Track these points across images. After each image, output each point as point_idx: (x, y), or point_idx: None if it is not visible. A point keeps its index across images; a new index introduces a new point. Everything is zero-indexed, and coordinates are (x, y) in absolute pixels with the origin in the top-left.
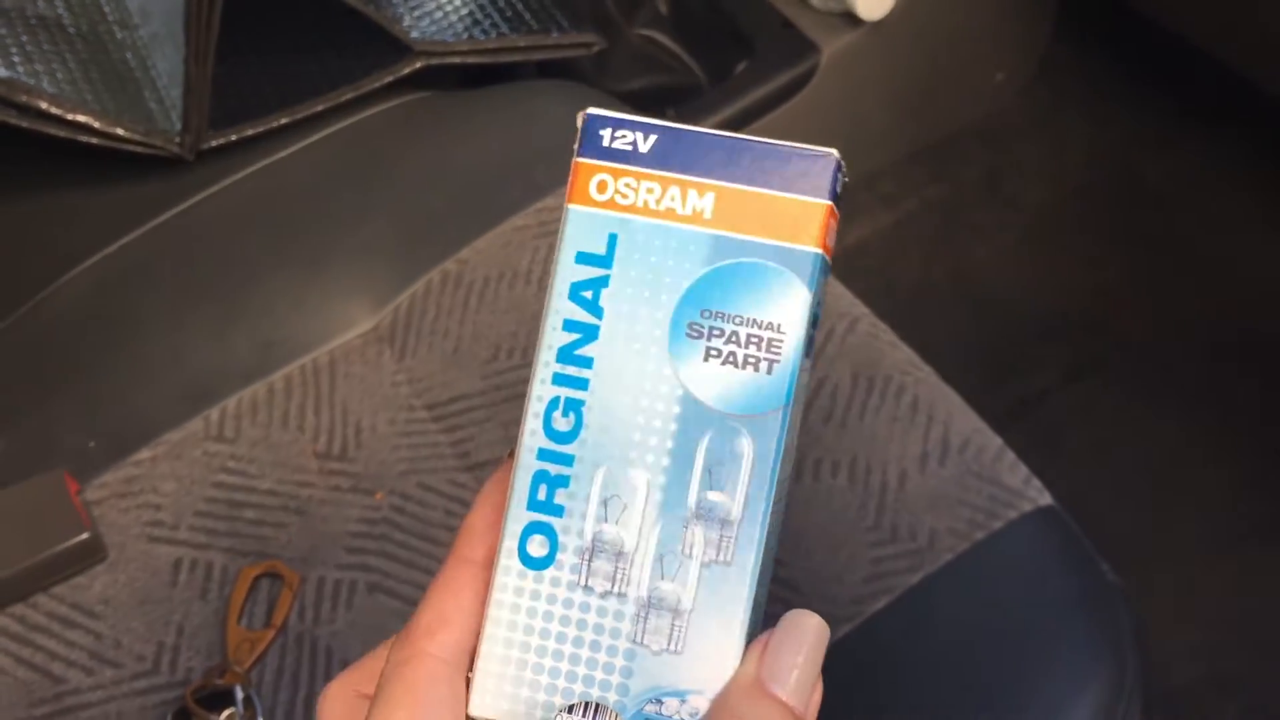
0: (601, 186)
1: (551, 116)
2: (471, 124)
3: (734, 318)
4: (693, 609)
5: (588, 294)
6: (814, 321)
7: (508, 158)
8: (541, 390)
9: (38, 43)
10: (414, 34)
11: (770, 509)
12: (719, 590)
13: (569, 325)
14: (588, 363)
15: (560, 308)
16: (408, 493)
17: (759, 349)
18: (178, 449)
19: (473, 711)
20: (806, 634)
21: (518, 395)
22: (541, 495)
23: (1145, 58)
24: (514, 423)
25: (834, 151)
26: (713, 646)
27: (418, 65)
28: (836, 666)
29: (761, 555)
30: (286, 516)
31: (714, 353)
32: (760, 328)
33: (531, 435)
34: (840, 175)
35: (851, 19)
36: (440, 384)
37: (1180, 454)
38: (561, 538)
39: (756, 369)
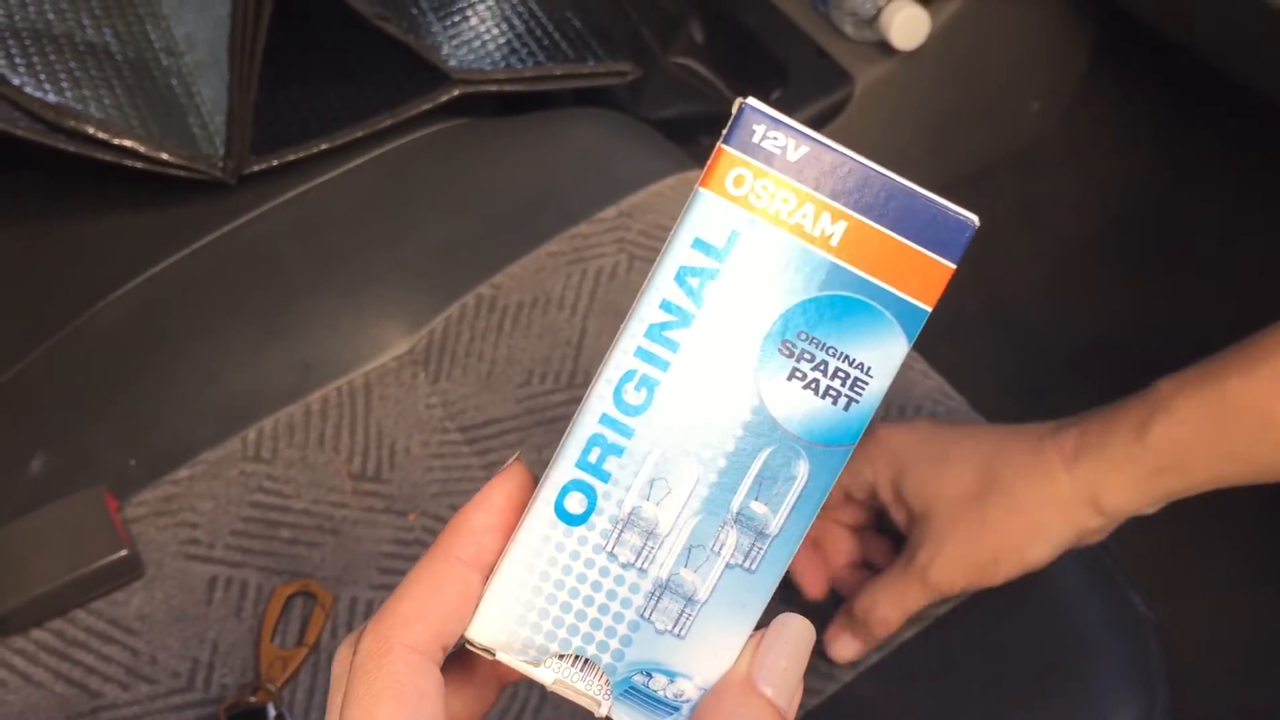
0: (739, 181)
1: (586, 144)
2: (507, 151)
3: (829, 348)
4: (706, 602)
5: (694, 281)
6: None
7: (542, 184)
8: (622, 359)
9: (86, 69)
10: (452, 62)
11: (805, 530)
12: (737, 594)
13: (666, 305)
14: (674, 346)
15: (663, 286)
16: (440, 514)
17: (843, 384)
18: (215, 468)
19: (469, 635)
20: (793, 637)
21: (550, 419)
22: (593, 458)
23: (1183, 88)
24: (546, 446)
25: (975, 218)
26: (715, 641)
27: (455, 93)
28: (868, 693)
29: (782, 574)
30: (321, 536)
31: (799, 375)
32: (851, 365)
33: (599, 399)
34: (971, 237)
35: (886, 49)
36: (473, 407)
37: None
38: (601, 501)
39: (835, 402)
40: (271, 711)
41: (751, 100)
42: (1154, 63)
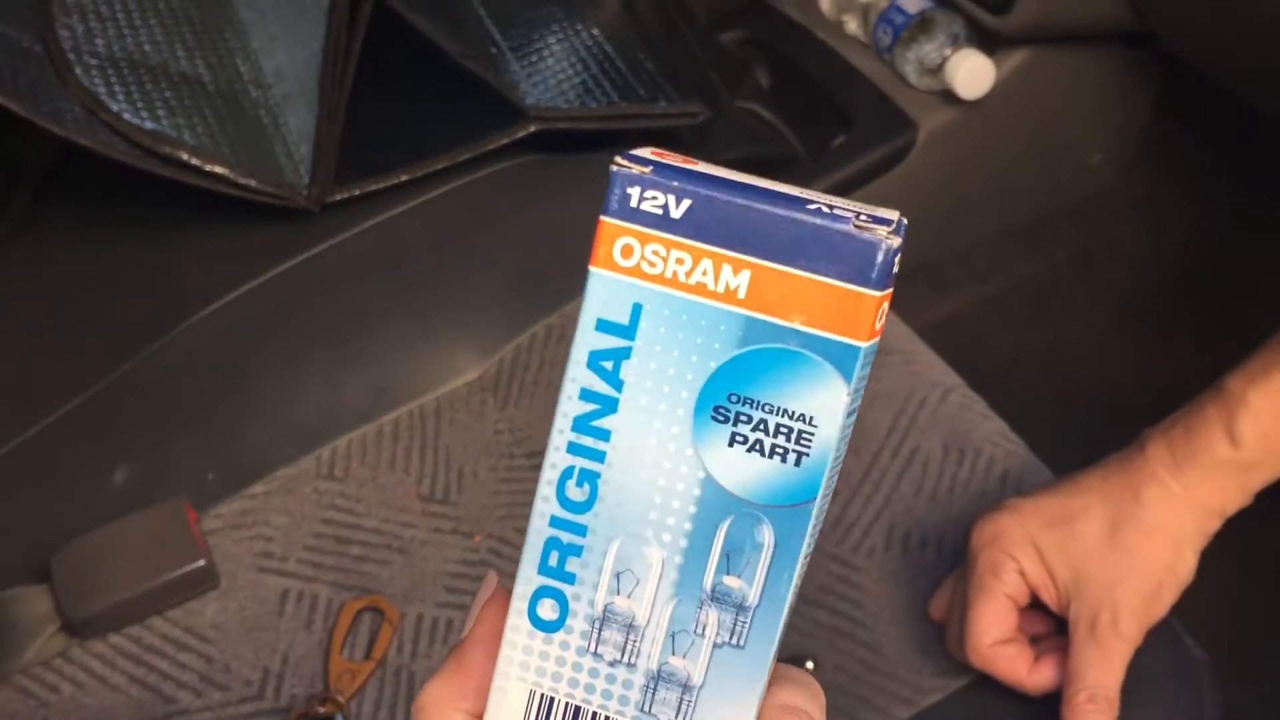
0: (626, 251)
1: None
2: (579, 186)
3: (764, 405)
4: (703, 685)
5: (608, 364)
6: (851, 413)
7: None
8: (556, 458)
9: (180, 98)
10: (529, 100)
11: (789, 598)
12: (731, 672)
13: (585, 395)
14: (605, 435)
15: (578, 376)
16: (505, 537)
17: (788, 440)
18: (290, 485)
19: None
20: (802, 703)
21: None
22: (553, 561)
23: (1245, 141)
24: None
25: (883, 235)
26: None
27: (531, 129)
28: None
29: (778, 641)
30: (389, 554)
31: (740, 439)
32: (791, 418)
33: (545, 501)
34: (895, 257)
35: (950, 97)
36: (540, 433)
37: (1273, 536)
38: (572, 604)
39: (784, 460)
40: None
41: (619, 160)
42: (1217, 115)
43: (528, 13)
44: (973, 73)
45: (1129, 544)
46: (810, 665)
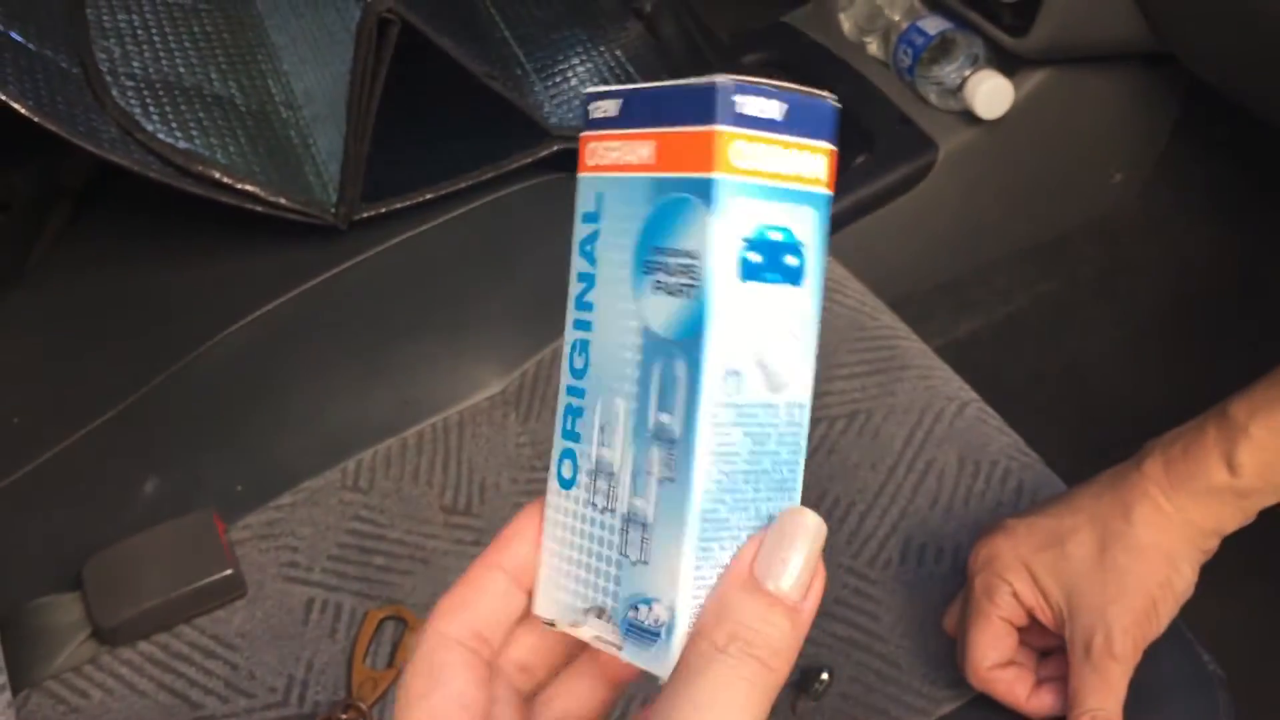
0: (591, 153)
1: None
2: None
3: (669, 250)
4: (654, 523)
5: (589, 248)
6: (757, 246)
7: None
8: (568, 335)
9: (213, 119)
10: (552, 119)
11: (701, 425)
12: (669, 506)
13: (581, 277)
14: (590, 307)
15: (575, 263)
16: None
17: (685, 276)
18: (316, 496)
19: (535, 611)
20: (799, 530)
21: None
22: (569, 425)
23: (1265, 162)
24: None
25: (718, 78)
26: (666, 557)
27: (554, 148)
28: None
29: (710, 472)
30: (412, 565)
31: (659, 286)
32: (680, 255)
33: (564, 374)
34: (735, 100)
35: (970, 117)
36: None
37: None
38: (579, 460)
39: (686, 296)
40: None
41: (590, 90)
42: (1236, 134)
43: (552, 34)
44: (992, 93)
45: (1120, 564)
46: (825, 677)
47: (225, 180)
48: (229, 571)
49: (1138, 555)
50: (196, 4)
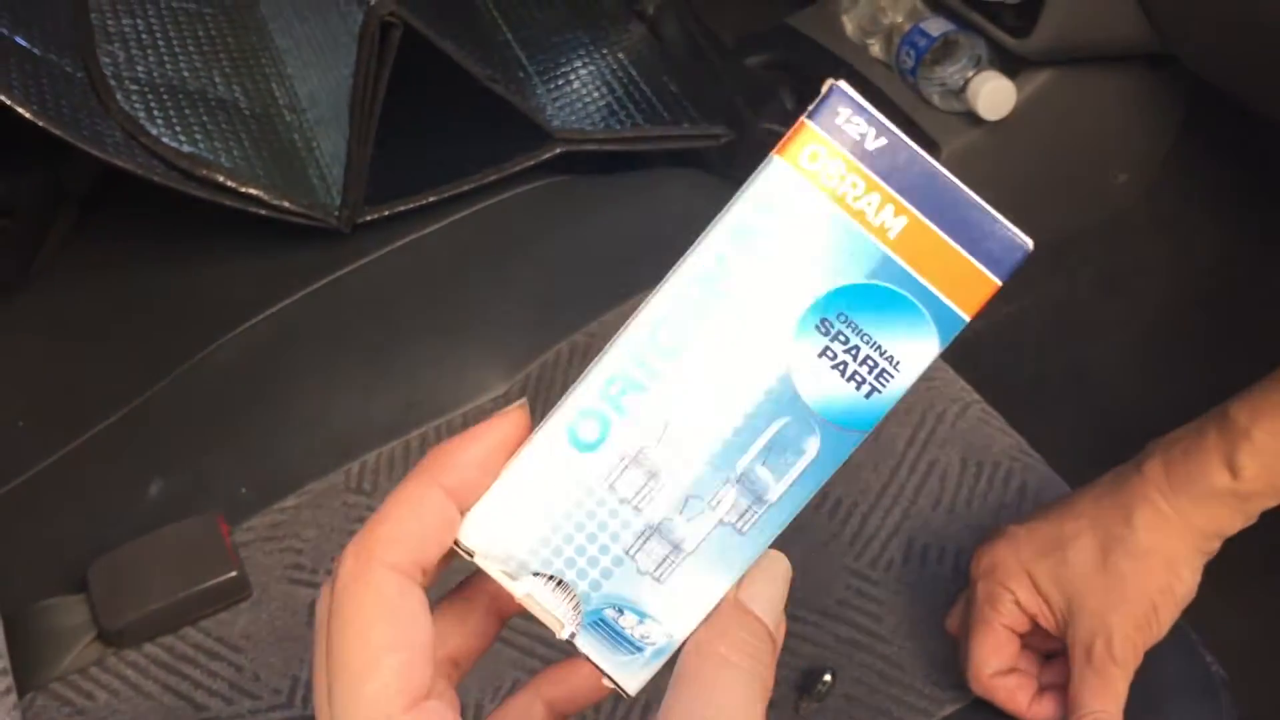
0: (813, 156)
1: (679, 203)
2: (604, 207)
3: (864, 334)
4: (691, 553)
5: (750, 241)
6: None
7: (636, 239)
8: (663, 302)
9: (217, 122)
10: (555, 122)
11: (802, 503)
12: (722, 552)
13: (720, 258)
14: (718, 295)
15: (719, 240)
16: None
17: (870, 372)
18: (320, 499)
19: (459, 537)
20: (779, 571)
21: None
22: (614, 390)
23: (1270, 162)
24: None
25: (1029, 242)
26: (691, 592)
27: (557, 151)
28: None
29: (771, 542)
30: None
31: (829, 354)
32: (881, 355)
33: (636, 334)
34: (1022, 260)
35: (972, 118)
36: None
37: None
38: (613, 433)
39: (859, 388)
40: None
41: (842, 84)
42: (1242, 136)
43: (554, 37)
44: (995, 94)
45: (1120, 569)
46: (828, 678)
47: (229, 184)
48: (233, 574)
49: (1138, 560)
50: (201, 8)
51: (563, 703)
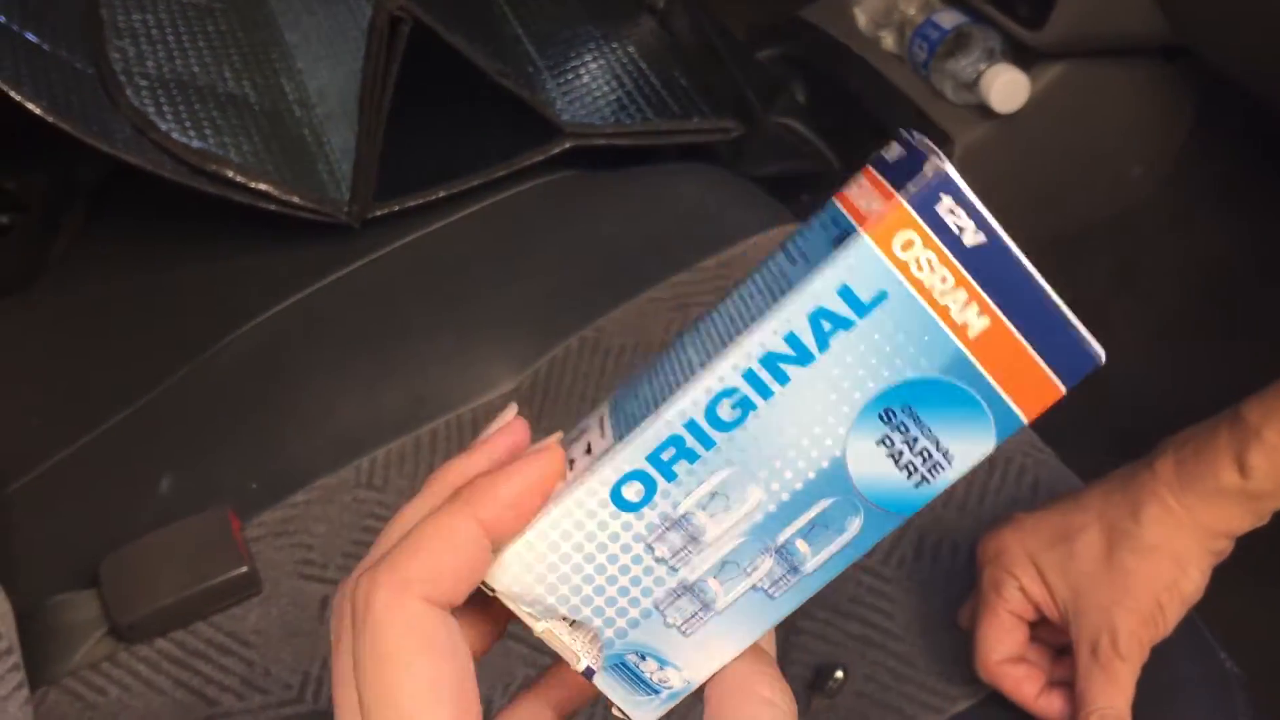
0: (907, 245)
1: (689, 197)
2: (614, 201)
3: (925, 428)
4: (721, 613)
5: (826, 325)
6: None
7: (646, 234)
8: (727, 375)
9: (227, 118)
10: (565, 117)
11: (832, 578)
12: (751, 613)
13: (790, 339)
14: (784, 379)
15: (793, 320)
16: None
17: (923, 464)
18: (330, 494)
19: (488, 578)
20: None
21: None
22: (666, 456)
23: None
24: None
25: (1102, 353)
26: (714, 646)
27: (567, 145)
28: None
29: (795, 608)
30: None
31: (887, 443)
32: (937, 449)
33: (693, 405)
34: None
35: (985, 111)
36: None
37: None
38: (658, 498)
39: (910, 476)
40: None
41: (949, 167)
42: (1255, 128)
43: (564, 31)
44: (1008, 87)
45: (1126, 564)
46: (840, 675)
47: (239, 179)
48: (244, 569)
49: (1145, 556)
50: (210, 3)
51: (567, 702)
